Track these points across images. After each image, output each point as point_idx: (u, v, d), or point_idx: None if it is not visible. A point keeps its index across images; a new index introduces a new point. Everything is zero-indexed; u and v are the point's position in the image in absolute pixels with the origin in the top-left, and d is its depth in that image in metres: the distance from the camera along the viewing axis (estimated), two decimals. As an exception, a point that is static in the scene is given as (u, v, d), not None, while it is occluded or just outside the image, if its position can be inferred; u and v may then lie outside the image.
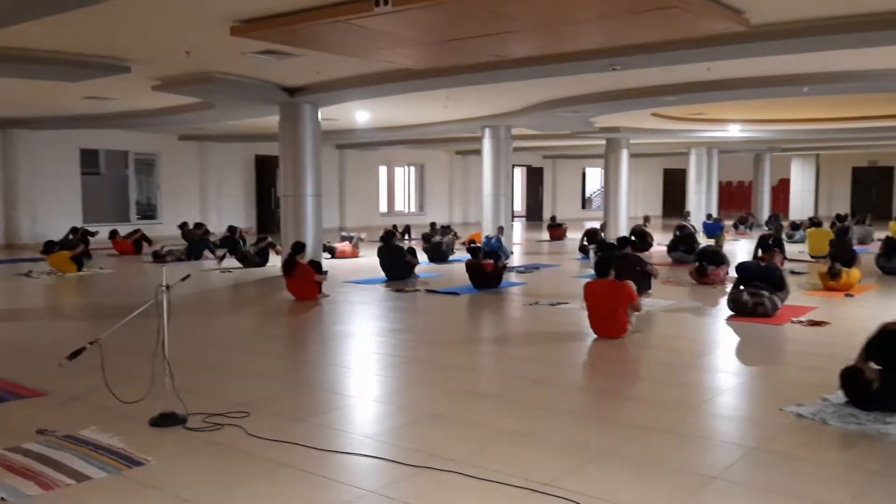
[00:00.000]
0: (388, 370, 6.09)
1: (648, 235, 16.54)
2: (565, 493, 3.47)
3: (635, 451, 4.06)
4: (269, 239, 14.11)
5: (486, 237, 14.75)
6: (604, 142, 20.15)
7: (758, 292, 8.14)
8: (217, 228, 19.84)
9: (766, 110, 15.70)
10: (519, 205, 32.59)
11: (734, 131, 18.84)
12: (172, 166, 21.39)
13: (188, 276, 4.93)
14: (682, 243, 14.17)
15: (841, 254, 10.69)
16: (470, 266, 10.51)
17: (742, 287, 8.38)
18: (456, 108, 13.88)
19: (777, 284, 8.36)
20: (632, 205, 32.66)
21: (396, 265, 11.38)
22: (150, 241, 16.60)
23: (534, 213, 32.30)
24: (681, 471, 3.77)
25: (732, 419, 4.74)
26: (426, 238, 15.25)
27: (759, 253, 12.58)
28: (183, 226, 17.11)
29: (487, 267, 10.36)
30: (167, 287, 4.37)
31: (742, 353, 6.81)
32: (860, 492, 3.52)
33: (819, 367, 5.98)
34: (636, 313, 7.17)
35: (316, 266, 9.82)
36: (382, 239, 11.80)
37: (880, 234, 18.27)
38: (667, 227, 23.02)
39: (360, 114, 14.89)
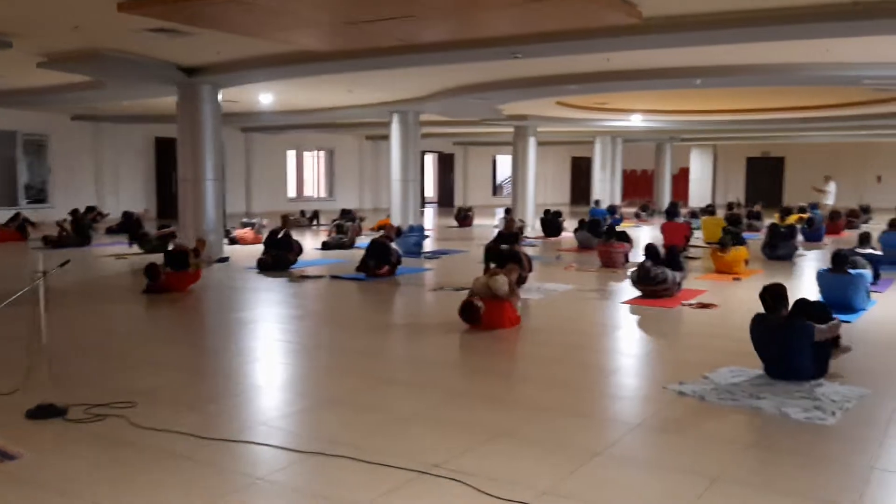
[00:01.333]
0: (286, 356, 6.02)
1: (559, 222, 16.98)
2: (453, 473, 3.52)
3: (526, 431, 4.15)
4: (172, 228, 13.63)
5: (410, 225, 14.75)
6: (512, 129, 20.42)
7: (662, 268, 8.52)
8: (115, 213, 19.07)
9: (666, 101, 16.25)
10: (431, 191, 32.66)
11: (636, 121, 19.42)
12: (65, 148, 20.36)
13: (67, 261, 4.71)
14: (589, 226, 14.52)
15: (731, 239, 11.18)
16: (362, 268, 10.33)
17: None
18: (362, 92, 13.76)
19: (676, 265, 8.79)
20: (540, 192, 33.34)
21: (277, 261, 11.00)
22: (33, 225, 15.77)
23: (445, 199, 32.45)
24: (568, 447, 3.88)
25: (621, 398, 4.92)
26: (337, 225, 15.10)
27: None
28: (74, 212, 16.35)
29: (378, 273, 10.18)
30: (43, 273, 4.17)
31: (635, 335, 7.06)
32: (731, 461, 3.72)
33: (703, 346, 6.27)
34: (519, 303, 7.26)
35: (180, 258, 9.09)
36: (271, 234, 11.42)
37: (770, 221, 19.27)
38: (575, 213, 23.53)
39: (264, 96, 14.56)
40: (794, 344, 5.05)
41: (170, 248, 10.38)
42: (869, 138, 26.88)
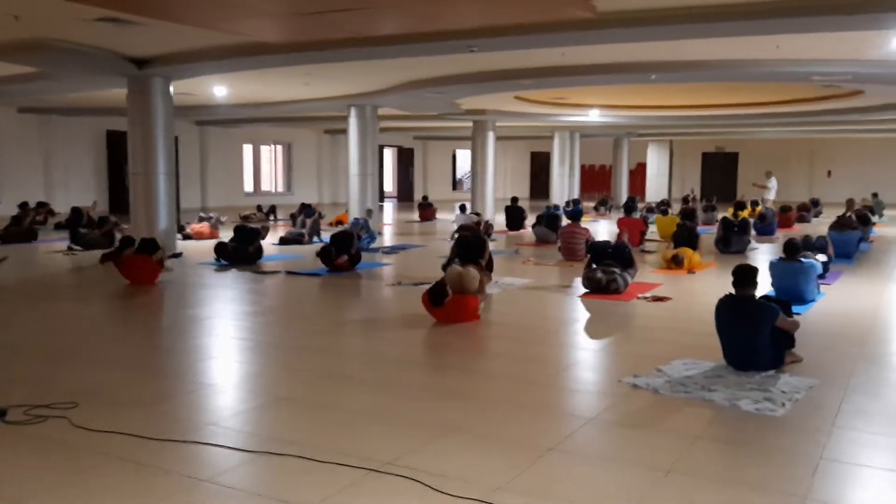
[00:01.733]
0: (239, 354, 5.90)
1: (521, 215, 17.05)
2: (405, 470, 3.47)
3: (480, 426, 4.12)
4: (114, 219, 13.34)
5: (355, 218, 14.61)
6: (471, 124, 20.40)
7: (610, 269, 8.51)
8: (64, 208, 18.61)
9: (623, 96, 16.41)
10: (390, 185, 32.54)
11: (594, 116, 19.56)
12: (11, 141, 19.77)
13: (5, 257, 4.54)
14: (546, 221, 14.57)
15: (685, 239, 11.31)
16: (321, 255, 10.24)
17: (595, 266, 8.71)
18: (318, 85, 13.61)
19: (626, 262, 8.78)
20: (500, 187, 33.45)
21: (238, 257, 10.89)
22: None
23: (405, 193, 32.35)
24: (522, 443, 3.86)
25: (576, 392, 4.91)
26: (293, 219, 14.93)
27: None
28: (23, 205, 15.89)
29: (339, 263, 10.11)
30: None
31: (590, 329, 7.08)
32: (684, 453, 3.73)
33: (657, 339, 6.31)
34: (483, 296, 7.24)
35: (151, 245, 9.19)
36: (236, 230, 11.28)
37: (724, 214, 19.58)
38: (535, 208, 23.63)
39: (218, 89, 14.30)
40: (759, 322, 5.14)
41: (117, 238, 10.31)
42: (819, 134, 27.51)
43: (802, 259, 8.03)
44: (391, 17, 7.90)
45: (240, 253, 10.75)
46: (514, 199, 17.70)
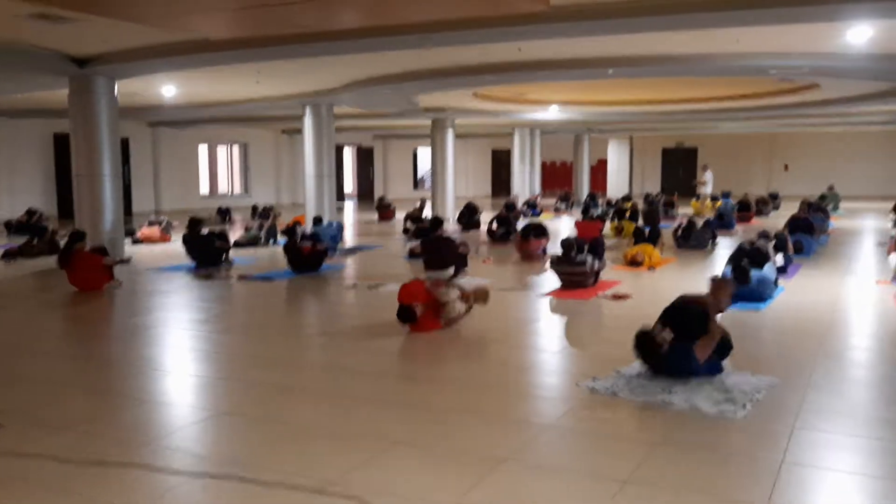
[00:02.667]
0: (182, 365, 5.61)
1: (477, 211, 16.85)
2: (347, 489, 3.26)
3: (431, 438, 3.92)
4: (52, 227, 12.86)
5: (317, 218, 14.29)
6: (430, 122, 20.16)
7: (582, 256, 8.49)
8: (10, 213, 17.98)
9: (582, 92, 16.32)
10: (350, 185, 32.16)
11: (554, 113, 19.46)
12: (-46, 144, 19.08)
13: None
14: (505, 222, 14.41)
15: (644, 236, 11.23)
16: (287, 249, 10.07)
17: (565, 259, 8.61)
18: (271, 83, 13.27)
19: (597, 254, 8.74)
20: (462, 185, 33.26)
21: (205, 252, 10.68)
22: None
23: (365, 193, 31.99)
24: (474, 455, 3.67)
25: (533, 397, 4.74)
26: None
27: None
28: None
29: (304, 250, 9.96)
30: None
31: (550, 329, 6.93)
32: (642, 461, 3.57)
33: (617, 339, 6.14)
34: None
35: (101, 251, 8.97)
36: (189, 226, 11.00)
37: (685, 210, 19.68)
38: (496, 206, 23.51)
39: (167, 88, 13.87)
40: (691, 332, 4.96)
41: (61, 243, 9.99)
42: (778, 128, 27.84)
43: (753, 275, 7.78)
44: (342, 12, 7.65)
45: (212, 255, 10.53)
46: (470, 205, 17.42)
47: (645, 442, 3.86)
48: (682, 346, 4.89)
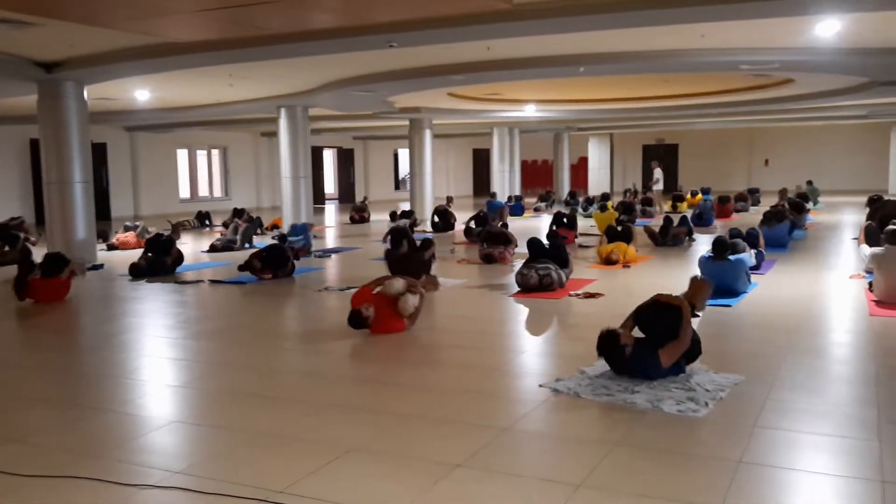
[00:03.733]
0: (142, 373, 5.50)
1: (451, 216, 16.69)
2: (295, 499, 3.18)
3: (386, 443, 3.85)
4: (22, 235, 12.64)
5: (293, 224, 14.18)
6: (408, 123, 20.10)
7: (544, 266, 8.30)
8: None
9: (558, 91, 16.30)
10: (331, 187, 32.04)
11: (530, 111, 19.45)
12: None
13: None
14: (483, 221, 14.34)
15: (618, 234, 11.18)
16: (245, 268, 9.82)
17: (531, 263, 8.47)
18: (244, 86, 13.18)
19: (562, 262, 8.58)
20: (443, 185, 33.22)
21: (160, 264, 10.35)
22: None
23: (346, 195, 31.88)
24: (427, 460, 3.60)
25: (493, 399, 4.66)
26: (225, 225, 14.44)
27: (554, 228, 13.09)
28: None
29: (265, 277, 9.70)
30: None
31: (518, 329, 6.88)
32: (598, 464, 3.52)
33: (584, 338, 6.09)
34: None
35: (55, 266, 8.46)
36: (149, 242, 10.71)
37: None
38: (478, 205, 23.48)
39: (140, 92, 13.74)
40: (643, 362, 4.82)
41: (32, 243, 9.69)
42: (757, 123, 27.97)
43: (730, 257, 7.94)
44: (308, 13, 7.58)
45: (157, 266, 10.21)
46: (442, 207, 17.24)
47: (603, 443, 3.81)
48: (648, 348, 4.83)
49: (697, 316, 5.19)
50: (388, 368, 5.60)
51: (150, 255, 10.27)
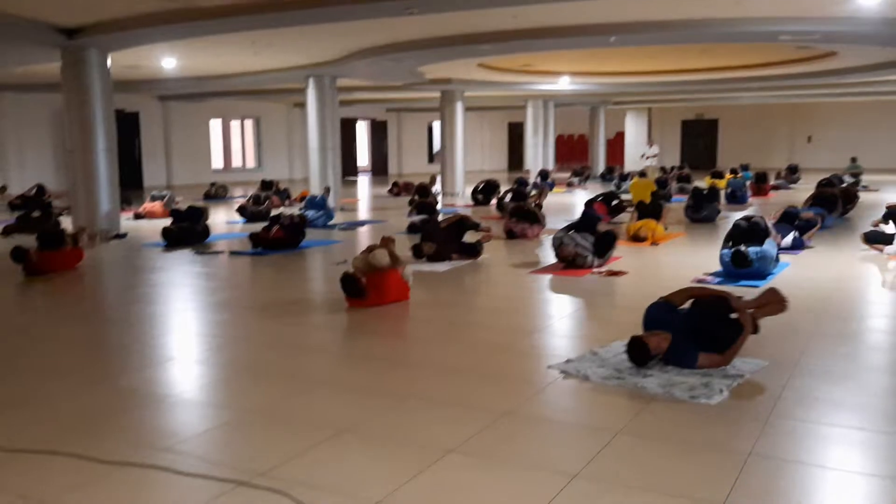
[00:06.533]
0: (135, 345, 5.39)
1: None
2: (277, 482, 3.05)
3: (379, 426, 3.70)
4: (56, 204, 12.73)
5: (311, 196, 14.06)
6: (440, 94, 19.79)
7: (585, 247, 7.98)
8: (20, 187, 18.02)
9: (594, 62, 15.86)
10: (364, 159, 31.91)
11: (565, 84, 19.01)
12: (-38, 121, 19.10)
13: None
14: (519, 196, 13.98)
15: (648, 210, 10.86)
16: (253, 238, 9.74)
17: (573, 233, 8.16)
18: (269, 55, 13.01)
19: (601, 251, 8.20)
20: (478, 159, 32.92)
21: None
22: None
23: (379, 167, 31.75)
24: (420, 445, 3.44)
25: (497, 380, 4.46)
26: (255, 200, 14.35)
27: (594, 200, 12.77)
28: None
29: (273, 236, 9.63)
30: None
31: (532, 307, 6.67)
32: (597, 454, 3.32)
33: (603, 318, 5.92)
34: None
35: (52, 238, 8.32)
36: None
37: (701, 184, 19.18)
38: (511, 180, 23.16)
39: (167, 60, 13.67)
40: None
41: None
42: (799, 99, 27.07)
43: (752, 253, 7.36)
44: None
45: (186, 233, 10.23)
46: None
47: (607, 430, 3.61)
48: (690, 346, 4.48)
49: (756, 333, 4.82)
50: (388, 344, 5.44)
51: (180, 222, 10.32)
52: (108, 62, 10.89)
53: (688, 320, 4.71)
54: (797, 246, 8.96)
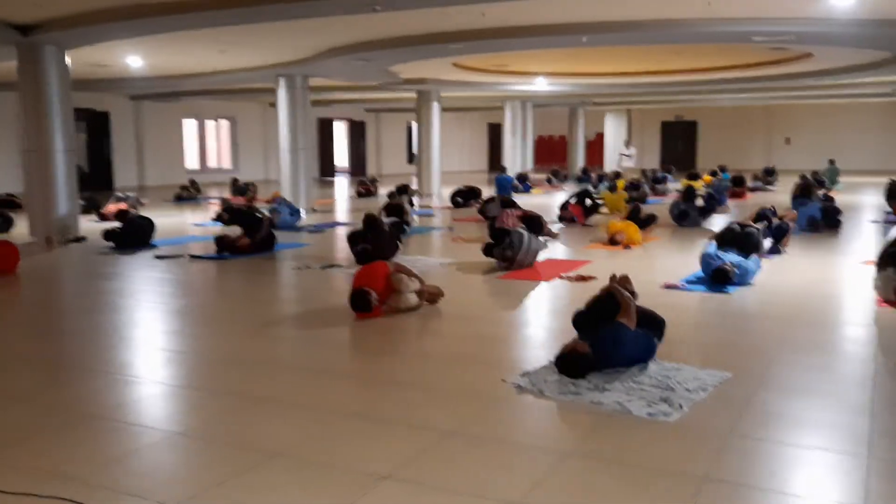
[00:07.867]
0: (65, 359, 5.13)
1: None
2: (187, 516, 2.79)
3: (314, 448, 3.45)
4: None
5: (281, 198, 13.76)
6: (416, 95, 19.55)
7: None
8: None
9: (569, 63, 15.68)
10: (344, 159, 31.57)
11: (541, 84, 18.83)
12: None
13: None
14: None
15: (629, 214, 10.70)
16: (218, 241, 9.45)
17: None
18: (236, 53, 12.71)
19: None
20: (457, 160, 32.71)
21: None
22: None
23: (357, 168, 31.44)
24: (352, 470, 3.19)
25: (445, 396, 4.21)
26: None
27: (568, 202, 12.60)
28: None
29: (241, 246, 9.34)
30: None
31: (496, 315, 6.43)
32: (542, 478, 3.10)
33: (565, 327, 5.67)
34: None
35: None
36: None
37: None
38: (492, 181, 22.93)
39: (132, 59, 13.32)
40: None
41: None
42: (777, 101, 27.08)
43: (737, 265, 7.16)
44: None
45: (134, 234, 9.89)
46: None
47: (555, 452, 3.38)
48: (608, 326, 4.52)
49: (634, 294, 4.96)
50: (338, 357, 5.17)
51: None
52: (67, 60, 10.55)
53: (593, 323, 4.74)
54: (772, 251, 8.80)
